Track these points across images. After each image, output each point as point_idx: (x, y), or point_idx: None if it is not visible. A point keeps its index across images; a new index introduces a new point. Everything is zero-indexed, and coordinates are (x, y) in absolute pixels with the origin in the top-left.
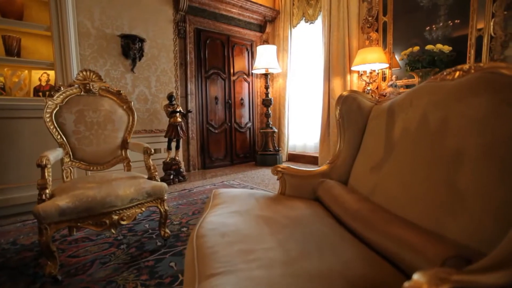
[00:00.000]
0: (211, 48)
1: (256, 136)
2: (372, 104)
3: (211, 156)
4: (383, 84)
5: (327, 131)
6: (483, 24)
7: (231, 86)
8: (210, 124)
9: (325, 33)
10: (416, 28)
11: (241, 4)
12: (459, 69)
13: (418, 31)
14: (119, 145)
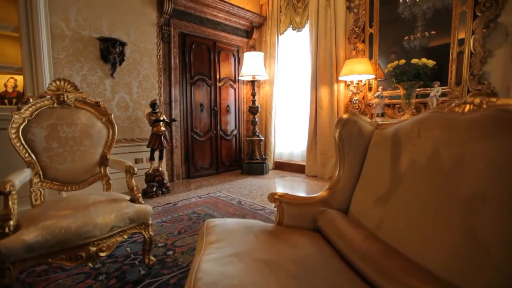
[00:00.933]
0: (196, 53)
1: (242, 144)
2: (372, 128)
3: (196, 165)
4: (369, 94)
5: (314, 139)
6: (463, 35)
7: (217, 92)
8: (195, 132)
9: (313, 42)
10: (400, 40)
11: (227, 9)
12: (469, 102)
13: (402, 43)
14: (97, 162)
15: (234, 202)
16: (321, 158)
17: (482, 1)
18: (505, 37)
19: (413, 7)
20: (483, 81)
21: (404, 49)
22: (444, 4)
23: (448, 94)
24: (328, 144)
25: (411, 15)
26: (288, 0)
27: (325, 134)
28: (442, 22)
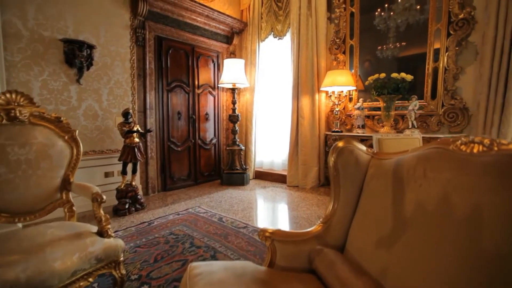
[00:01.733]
0: (174, 58)
1: (221, 152)
2: (368, 156)
3: (173, 176)
4: (349, 105)
5: (296, 149)
6: (438, 48)
7: (196, 100)
8: (172, 142)
9: (294, 51)
10: (374, 50)
11: (207, 13)
12: (478, 142)
13: (375, 53)
14: (58, 187)
15: (215, 219)
16: (303, 168)
17: (455, 20)
18: (475, 55)
19: (388, 20)
20: (456, 96)
21: (377, 58)
22: (416, 20)
23: (424, 107)
24: (309, 154)
25: (390, 31)
26: (269, 7)
27: (307, 144)
28: (415, 36)
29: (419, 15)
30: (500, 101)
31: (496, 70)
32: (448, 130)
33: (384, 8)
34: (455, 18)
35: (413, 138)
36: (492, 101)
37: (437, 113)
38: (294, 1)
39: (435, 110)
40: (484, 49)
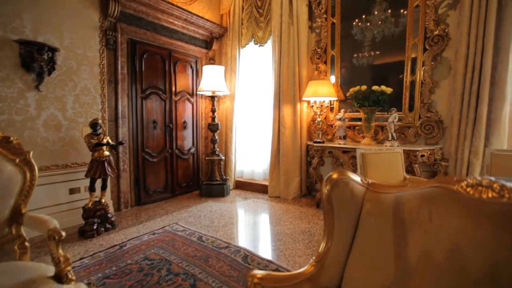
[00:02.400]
0: (149, 63)
1: (200, 162)
2: (363, 188)
3: (148, 189)
4: (331, 115)
5: (277, 159)
6: (415, 57)
7: (173, 107)
8: (147, 152)
9: (275, 59)
10: (351, 57)
11: (185, 17)
12: (486, 185)
13: (352, 60)
14: (6, 220)
15: (194, 238)
16: (285, 179)
17: (430, 36)
18: (449, 70)
19: (365, 31)
20: (431, 109)
21: (353, 66)
22: (391, 31)
23: (402, 119)
24: (291, 164)
25: (363, 37)
26: (250, 13)
27: (288, 154)
28: (390, 47)
29: (394, 27)
30: (473, 115)
31: (468, 86)
32: (424, 142)
33: (361, 18)
34: (430, 34)
35: (394, 152)
36: (465, 115)
37: (414, 125)
38: (275, 8)
39: (413, 122)
40: (457, 65)
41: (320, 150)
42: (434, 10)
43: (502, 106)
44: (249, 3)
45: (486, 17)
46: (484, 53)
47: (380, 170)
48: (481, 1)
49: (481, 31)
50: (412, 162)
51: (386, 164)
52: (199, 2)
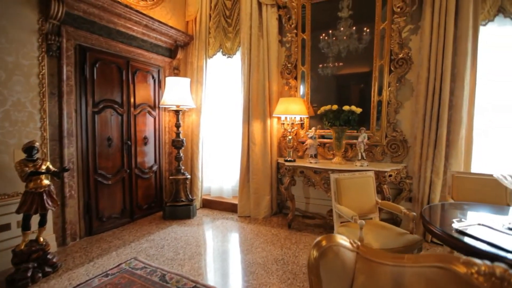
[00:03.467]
0: (102, 73)
1: (163, 180)
2: (353, 253)
3: (102, 216)
4: (301, 132)
5: (247, 177)
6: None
7: (132, 122)
8: (101, 174)
9: (245, 72)
10: (316, 67)
11: (146, 22)
12: (500, 277)
13: (317, 70)
14: None
15: (156, 277)
16: (255, 197)
17: (395, 58)
18: (411, 92)
19: (332, 45)
20: (397, 128)
21: (319, 75)
22: (355, 47)
23: (370, 138)
24: (261, 183)
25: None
26: (217, 22)
27: (258, 172)
28: (355, 61)
29: (358, 43)
30: (434, 136)
31: (430, 108)
32: (390, 160)
33: (329, 33)
34: (395, 57)
35: (366, 176)
36: (427, 136)
37: (381, 143)
38: (244, 20)
39: (380, 141)
40: (419, 88)
41: (292, 170)
42: (398, 34)
43: (459, 129)
44: (217, 11)
45: (444, 45)
46: (443, 78)
47: (353, 195)
48: (440, 30)
49: (440, 58)
50: (381, 182)
51: (359, 188)
52: (161, 7)
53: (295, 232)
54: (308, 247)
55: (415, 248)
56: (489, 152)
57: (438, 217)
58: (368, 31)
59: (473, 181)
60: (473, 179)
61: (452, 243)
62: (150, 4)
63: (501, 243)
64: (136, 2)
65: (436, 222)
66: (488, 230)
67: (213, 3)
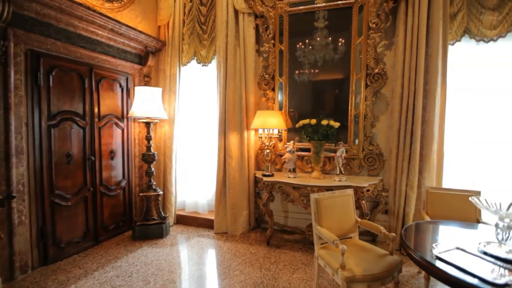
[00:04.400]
0: (60, 81)
1: (133, 196)
2: None
3: (60, 241)
4: (279, 144)
5: (223, 191)
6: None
7: (96, 135)
8: (58, 195)
9: (221, 82)
10: (293, 74)
11: (111, 26)
12: None
13: (294, 76)
14: None
15: None
16: (232, 213)
17: (371, 73)
18: (387, 106)
19: (308, 54)
20: (373, 142)
21: (296, 83)
22: (331, 56)
23: (348, 151)
24: (238, 197)
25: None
26: (192, 28)
27: (235, 186)
28: (332, 70)
29: (334, 54)
30: (408, 151)
31: (404, 123)
32: (367, 173)
33: (305, 43)
34: (371, 71)
35: (346, 195)
36: (402, 150)
37: (358, 157)
38: (220, 27)
39: (357, 154)
40: (393, 102)
41: (270, 185)
42: (374, 49)
43: (431, 144)
44: (191, 17)
45: (417, 62)
46: (416, 94)
47: (333, 215)
48: (412, 48)
49: (413, 74)
50: (360, 198)
51: (339, 208)
52: (130, 10)
53: (274, 249)
54: (288, 267)
55: (395, 270)
56: (458, 166)
57: (418, 241)
58: (344, 42)
59: (446, 197)
60: (446, 194)
61: (433, 272)
62: (117, 7)
63: (479, 272)
64: (101, 4)
65: (417, 247)
66: (466, 255)
67: (187, 8)
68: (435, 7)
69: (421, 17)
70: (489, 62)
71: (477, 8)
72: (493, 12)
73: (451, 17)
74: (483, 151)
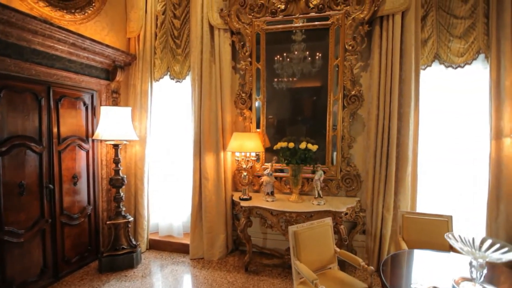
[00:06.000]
0: (11, 103)
1: (100, 222)
2: None
3: (12, 283)
4: (257, 165)
5: (199, 215)
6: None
7: (55, 160)
8: (9, 232)
9: (195, 100)
10: (271, 81)
11: (73, 40)
12: None
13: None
14: None
15: None
16: (208, 237)
17: (348, 95)
18: (363, 127)
19: (286, 67)
20: (350, 163)
21: (274, 89)
22: (308, 69)
23: (326, 172)
24: (215, 221)
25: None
26: (165, 42)
27: (212, 210)
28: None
29: (311, 67)
30: (384, 173)
31: (380, 145)
32: (345, 193)
33: (283, 56)
34: (348, 93)
35: (325, 225)
36: (378, 172)
37: (336, 178)
38: (195, 43)
39: (335, 175)
40: (369, 124)
41: (248, 211)
42: (351, 71)
43: (406, 166)
44: (163, 30)
45: (391, 85)
46: (391, 117)
47: (312, 247)
48: (387, 71)
49: (388, 97)
50: (338, 223)
51: (318, 240)
52: (95, 22)
53: (252, 276)
54: None
55: None
56: (431, 186)
57: (396, 280)
58: (318, 55)
59: (421, 222)
60: (420, 219)
61: None
62: (80, 19)
63: None
64: (60, 16)
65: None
66: None
67: (159, 20)
68: (407, 33)
69: (395, 41)
70: (457, 87)
71: (445, 35)
72: (460, 40)
73: (422, 42)
74: (454, 171)
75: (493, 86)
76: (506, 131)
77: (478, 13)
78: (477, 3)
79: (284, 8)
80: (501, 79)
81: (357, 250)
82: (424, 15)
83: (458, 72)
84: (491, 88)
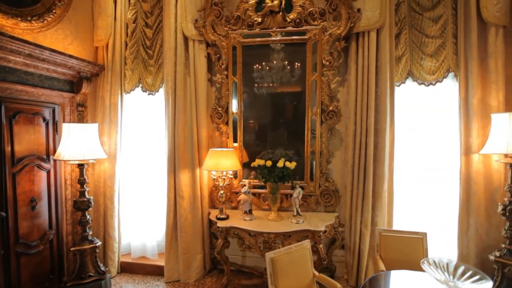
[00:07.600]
0: None
1: (64, 248)
2: None
3: None
4: (235, 182)
5: (174, 235)
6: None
7: (8, 184)
8: None
9: (169, 115)
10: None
11: (29, 51)
12: None
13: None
14: None
15: None
16: (185, 258)
17: (326, 110)
18: (341, 142)
19: (265, 76)
20: (329, 178)
21: (255, 94)
22: (287, 78)
23: (305, 188)
24: (192, 241)
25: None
26: (136, 52)
27: (188, 229)
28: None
29: (291, 77)
30: (362, 189)
31: (357, 160)
32: (324, 209)
33: (262, 65)
34: (326, 109)
35: (303, 248)
36: (356, 187)
37: (315, 193)
38: (168, 54)
39: (314, 191)
40: (347, 139)
41: (225, 231)
42: (328, 86)
43: (383, 183)
44: (135, 39)
45: (368, 101)
46: (368, 133)
47: (290, 273)
48: (363, 87)
49: (365, 113)
50: (317, 242)
51: (296, 265)
52: (57, 29)
53: None
54: None
55: None
56: (406, 202)
57: None
58: (300, 73)
59: (397, 240)
60: (397, 237)
61: None
62: (38, 27)
63: None
64: (14, 24)
65: None
66: None
67: (130, 29)
68: (382, 49)
69: (370, 58)
70: (430, 106)
71: (418, 53)
72: (431, 58)
73: (396, 60)
74: (428, 187)
75: (462, 104)
76: (474, 148)
77: (448, 33)
78: (446, 24)
79: (261, 21)
80: (469, 97)
81: (336, 266)
82: (398, 33)
83: (430, 90)
84: (460, 105)
